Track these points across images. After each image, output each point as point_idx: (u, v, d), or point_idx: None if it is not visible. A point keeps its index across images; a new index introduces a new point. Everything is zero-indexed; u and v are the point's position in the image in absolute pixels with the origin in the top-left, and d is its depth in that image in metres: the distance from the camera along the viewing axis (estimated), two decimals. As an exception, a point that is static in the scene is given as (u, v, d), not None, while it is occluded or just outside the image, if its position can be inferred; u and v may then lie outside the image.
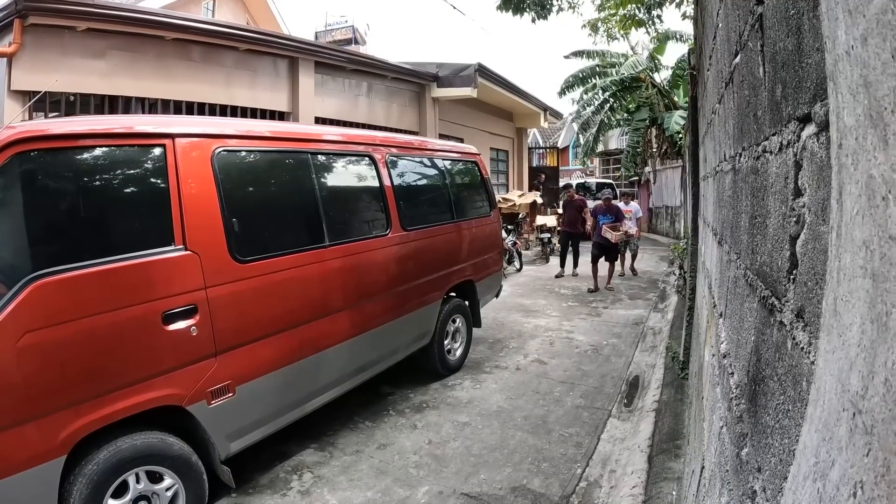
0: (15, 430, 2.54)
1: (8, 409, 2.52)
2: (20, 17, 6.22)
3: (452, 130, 13.47)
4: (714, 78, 2.26)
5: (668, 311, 8.12)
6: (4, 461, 2.51)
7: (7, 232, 2.74)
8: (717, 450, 1.44)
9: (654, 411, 4.49)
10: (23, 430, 2.57)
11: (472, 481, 3.69)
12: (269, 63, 9.18)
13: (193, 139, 3.34)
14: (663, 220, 20.58)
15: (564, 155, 32.32)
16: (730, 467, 1.16)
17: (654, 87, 17.50)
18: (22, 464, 2.55)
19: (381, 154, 4.89)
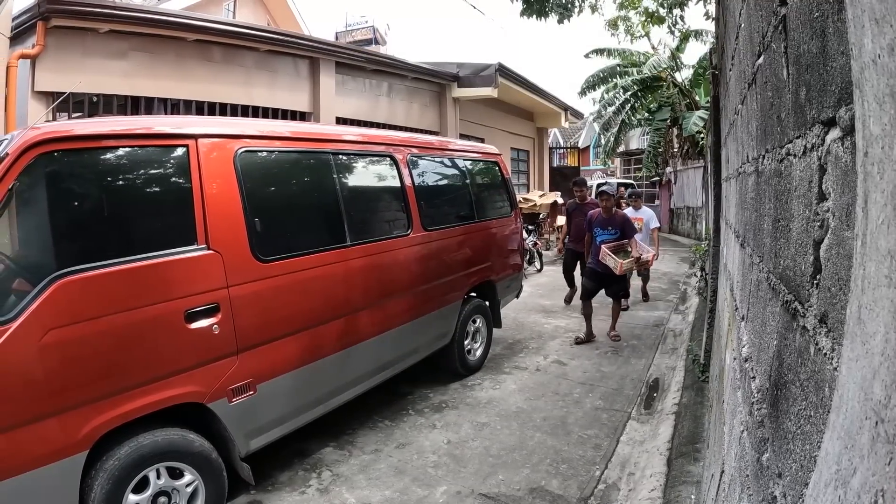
0: (38, 425, 2.58)
1: (31, 404, 2.56)
2: (43, 20, 6.34)
3: (473, 130, 13.47)
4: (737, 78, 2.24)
5: (689, 313, 8.05)
6: (28, 455, 2.55)
7: (31, 231, 2.80)
8: (737, 454, 1.43)
9: (673, 414, 4.45)
10: (46, 425, 2.61)
11: (490, 482, 3.69)
12: (290, 63, 9.25)
13: (216, 140, 3.38)
14: (684, 221, 20.39)
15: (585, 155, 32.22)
16: (750, 472, 1.15)
17: (676, 86, 17.38)
18: (45, 458, 2.59)
19: (402, 154, 4.90)
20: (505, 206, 6.61)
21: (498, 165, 6.70)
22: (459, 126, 12.80)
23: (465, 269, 5.56)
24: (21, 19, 6.39)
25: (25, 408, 2.55)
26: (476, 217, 5.86)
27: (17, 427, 2.52)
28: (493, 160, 6.65)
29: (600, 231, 6.90)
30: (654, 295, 9.75)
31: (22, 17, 6.40)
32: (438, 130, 12.15)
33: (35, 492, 2.58)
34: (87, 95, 6.96)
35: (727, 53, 3.04)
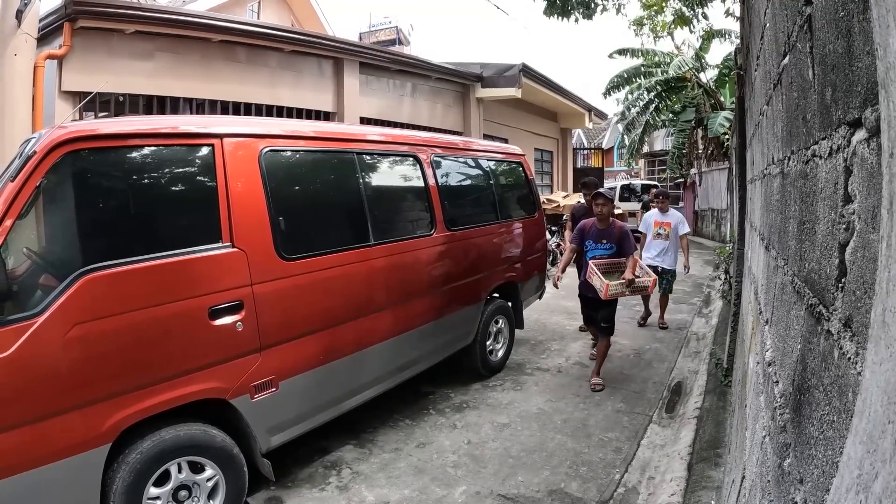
0: (62, 417, 2.63)
1: (56, 398, 2.61)
2: (69, 21, 6.46)
3: (496, 131, 13.46)
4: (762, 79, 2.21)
5: (713, 316, 7.96)
6: (52, 446, 2.60)
7: (58, 227, 2.85)
8: (758, 459, 1.41)
9: (695, 418, 4.42)
10: (70, 418, 2.66)
11: (509, 483, 3.69)
12: (314, 64, 9.32)
13: (241, 139, 3.42)
14: (709, 223, 20.17)
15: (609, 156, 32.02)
16: (771, 478, 1.14)
17: (700, 86, 17.21)
18: (69, 450, 2.65)
19: (425, 154, 4.92)
20: (529, 206, 6.59)
21: (522, 166, 6.67)
22: (483, 126, 12.80)
23: (488, 270, 5.55)
24: (48, 20, 6.51)
25: (51, 401, 2.60)
26: (499, 217, 5.85)
27: (43, 419, 2.58)
28: (516, 160, 6.62)
29: (593, 245, 5.56)
30: (678, 297, 9.64)
31: (49, 18, 6.53)
32: (462, 131, 12.18)
33: (59, 482, 2.64)
34: (113, 95, 7.08)
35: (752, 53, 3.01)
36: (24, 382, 2.53)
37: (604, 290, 5.09)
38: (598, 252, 5.55)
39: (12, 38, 5.46)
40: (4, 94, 5.53)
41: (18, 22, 5.43)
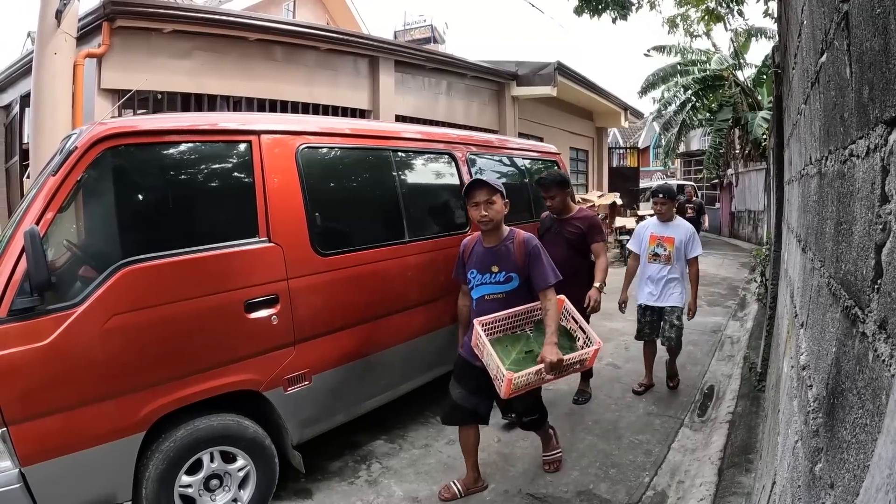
0: (100, 404, 2.72)
1: (93, 386, 2.70)
2: (108, 20, 6.57)
3: (532, 129, 13.38)
4: (799, 77, 2.18)
5: (748, 319, 7.85)
6: (89, 432, 2.69)
7: (98, 221, 2.93)
8: (790, 465, 1.39)
9: (727, 423, 4.37)
10: (107, 405, 2.74)
11: (538, 482, 3.69)
12: (350, 62, 9.36)
13: (278, 136, 3.47)
14: (745, 225, 19.86)
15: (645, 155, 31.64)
16: (802, 483, 1.12)
17: (738, 85, 16.93)
18: (104, 436, 2.73)
19: (461, 152, 4.92)
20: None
21: (557, 165, 6.62)
22: (519, 125, 12.73)
23: None
24: (87, 20, 6.59)
25: (88, 388, 2.69)
26: (534, 216, 5.79)
27: (81, 406, 2.67)
28: (552, 159, 6.57)
29: (478, 277, 3.46)
30: (713, 300, 9.51)
31: (87, 17, 6.61)
32: (497, 129, 12.10)
33: (94, 467, 2.73)
34: (151, 93, 7.20)
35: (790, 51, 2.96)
36: (62, 370, 2.60)
37: (504, 387, 2.94)
38: (489, 290, 3.41)
39: (52, 38, 5.55)
40: (45, 93, 5.63)
41: (58, 22, 5.52)
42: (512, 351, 3.30)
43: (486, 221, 3.37)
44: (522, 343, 3.38)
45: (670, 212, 5.28)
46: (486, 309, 3.38)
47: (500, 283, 3.43)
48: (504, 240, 3.47)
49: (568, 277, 4.06)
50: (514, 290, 3.42)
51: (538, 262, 3.39)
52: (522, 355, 3.29)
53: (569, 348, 3.36)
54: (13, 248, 2.57)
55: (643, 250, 5.27)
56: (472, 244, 3.60)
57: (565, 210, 4.71)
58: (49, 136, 5.51)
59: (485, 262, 3.46)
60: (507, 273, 3.41)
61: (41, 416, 2.57)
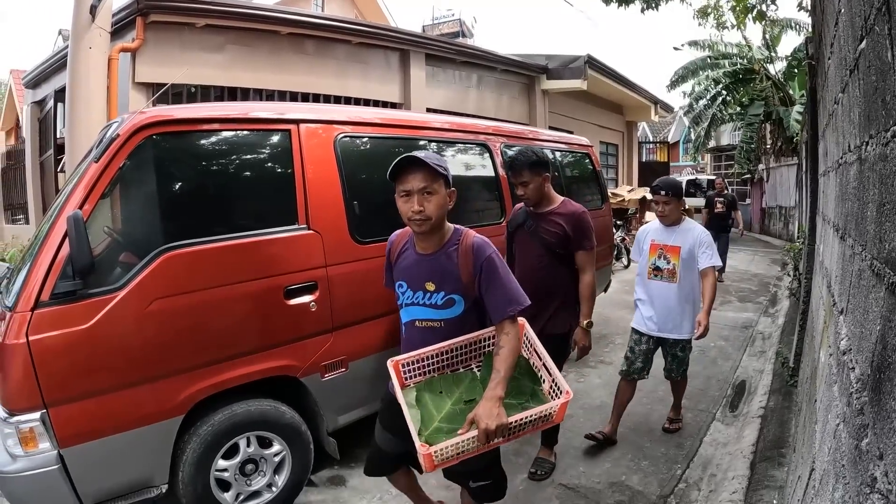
0: (140, 388, 2.79)
1: (134, 369, 2.76)
2: (142, 16, 6.75)
3: (562, 123, 13.37)
4: (836, 66, 2.17)
5: (780, 315, 7.77)
6: (127, 416, 2.77)
7: (139, 207, 2.99)
8: (831, 448, 1.40)
9: (759, 418, 4.36)
10: (147, 388, 2.81)
11: (570, 473, 3.72)
12: (381, 55, 9.45)
13: (317, 125, 3.53)
14: (776, 221, 19.59)
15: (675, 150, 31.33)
16: (846, 461, 1.14)
17: (769, 79, 16.65)
18: (144, 419, 2.81)
19: (495, 143, 4.93)
20: (595, 198, 6.54)
21: (589, 157, 6.64)
22: (549, 118, 12.76)
23: None
24: (120, 15, 6.77)
25: (129, 372, 2.77)
26: None
27: (119, 389, 2.74)
28: (584, 151, 6.59)
29: (409, 294, 2.51)
30: (745, 296, 9.42)
31: (121, 13, 6.78)
32: (528, 123, 12.11)
33: (133, 449, 2.81)
34: (185, 86, 7.34)
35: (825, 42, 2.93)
36: (103, 353, 2.69)
37: (424, 463, 2.05)
38: (421, 313, 2.47)
39: (87, 33, 5.67)
40: (80, 87, 5.75)
41: (93, 17, 5.64)
42: (447, 400, 2.30)
43: (422, 221, 2.32)
44: (464, 387, 2.37)
45: (675, 213, 4.14)
46: (417, 339, 2.45)
47: (436, 306, 2.41)
48: (446, 245, 2.44)
49: (542, 297, 3.42)
50: (458, 319, 2.42)
51: (493, 281, 2.35)
52: (461, 406, 2.27)
53: (529, 395, 2.38)
54: (56, 233, 2.64)
55: (643, 262, 4.29)
56: (403, 242, 2.58)
57: (544, 201, 3.64)
58: (84, 130, 5.63)
59: (417, 274, 2.46)
60: (446, 294, 2.39)
61: (81, 399, 2.65)
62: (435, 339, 2.41)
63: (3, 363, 2.57)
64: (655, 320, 4.14)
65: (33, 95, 10.83)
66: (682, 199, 4.22)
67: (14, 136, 16.31)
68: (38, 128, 10.99)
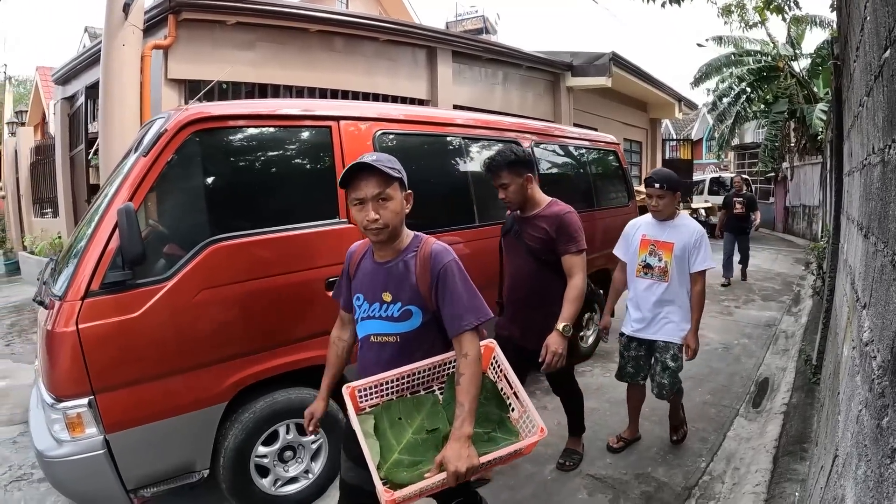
0: (184, 376, 2.89)
1: (181, 356, 2.86)
2: (174, 13, 6.88)
3: (586, 120, 13.34)
4: (861, 70, 2.22)
5: (803, 314, 7.77)
6: (172, 403, 2.87)
7: (187, 200, 3.08)
8: (854, 433, 1.48)
9: (782, 414, 4.40)
10: (191, 376, 2.91)
11: (598, 464, 3.81)
12: (409, 53, 9.52)
13: (356, 122, 3.63)
14: (800, 220, 19.39)
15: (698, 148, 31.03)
16: (868, 440, 1.22)
17: (793, 76, 16.50)
18: (189, 406, 2.91)
19: (526, 140, 5.01)
20: (622, 195, 6.59)
21: (616, 154, 6.69)
22: (573, 116, 12.74)
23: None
24: (152, 13, 6.88)
25: (174, 360, 2.86)
26: (595, 205, 5.90)
27: (166, 377, 2.85)
28: (611, 149, 6.64)
29: (366, 307, 2.30)
30: (767, 295, 9.42)
31: (153, 10, 6.90)
32: (553, 120, 12.11)
33: (178, 435, 2.90)
34: (216, 83, 7.47)
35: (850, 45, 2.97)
36: (151, 342, 2.78)
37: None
38: (376, 327, 2.28)
39: (120, 30, 5.78)
40: (114, 83, 5.87)
41: (125, 14, 5.76)
42: (407, 428, 2.10)
43: (378, 230, 2.17)
44: (426, 412, 2.16)
45: (670, 207, 3.82)
46: (372, 357, 2.30)
47: (392, 318, 2.24)
48: (404, 252, 2.28)
49: (531, 308, 3.37)
50: (416, 333, 2.24)
51: (450, 291, 2.17)
52: (423, 436, 2.08)
53: (496, 424, 2.19)
54: (105, 225, 2.74)
55: (631, 259, 3.96)
56: (362, 253, 2.41)
57: (528, 204, 3.40)
58: (118, 125, 5.78)
59: (374, 284, 2.29)
60: (403, 305, 2.22)
61: (128, 386, 2.74)
62: (389, 357, 2.24)
63: (53, 350, 2.66)
64: (643, 321, 3.85)
65: (63, 91, 11.02)
66: (678, 192, 3.88)
67: (40, 132, 16.58)
68: (68, 123, 11.21)
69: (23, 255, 13.44)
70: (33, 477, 4.05)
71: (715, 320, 7.53)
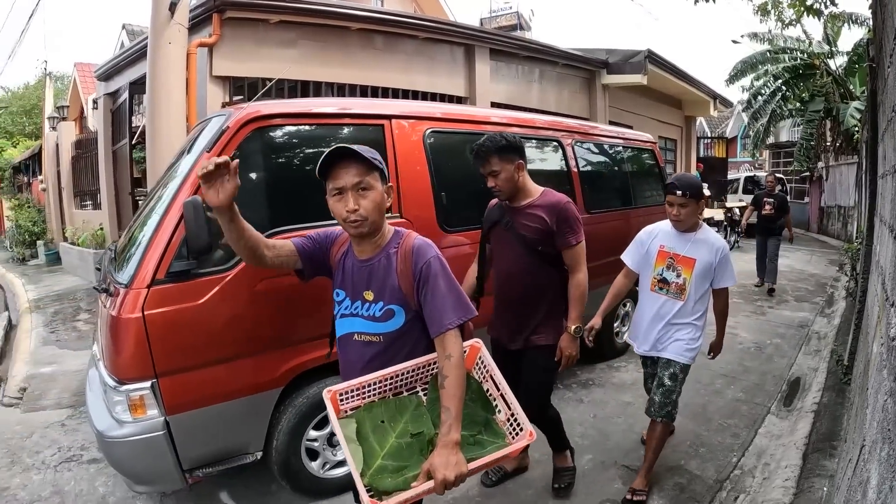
0: (243, 361, 3.00)
1: (240, 343, 2.98)
2: (218, 12, 7.03)
3: (621, 118, 13.32)
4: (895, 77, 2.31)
5: (836, 316, 7.76)
6: (230, 387, 2.98)
7: (248, 193, 3.10)
8: (879, 421, 1.58)
9: (812, 412, 4.47)
10: (250, 362, 3.02)
11: (632, 456, 3.91)
12: (447, 50, 9.58)
13: (408, 120, 3.74)
14: (835, 221, 19.09)
15: (732, 146, 30.57)
16: (892, 425, 1.33)
17: (829, 74, 16.25)
18: (244, 391, 3.03)
19: (567, 139, 5.09)
20: (659, 195, 6.63)
21: (653, 153, 6.73)
22: (609, 113, 12.72)
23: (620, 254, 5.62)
24: (197, 11, 7.02)
25: (234, 346, 2.96)
26: (633, 203, 5.95)
27: (225, 362, 2.95)
28: (648, 148, 6.69)
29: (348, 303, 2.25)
30: (800, 295, 9.40)
31: (198, 9, 7.04)
32: (588, 117, 12.11)
33: (232, 420, 3.03)
34: (260, 80, 7.59)
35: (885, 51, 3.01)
36: (213, 328, 2.88)
37: None
38: (359, 326, 2.22)
39: (166, 29, 5.91)
40: (161, 80, 6.00)
41: (171, 13, 5.90)
42: (391, 432, 2.01)
43: (359, 222, 2.07)
44: (409, 415, 2.07)
45: (692, 218, 3.43)
46: (354, 356, 2.24)
47: (374, 318, 2.17)
48: (385, 248, 2.19)
49: (525, 304, 3.19)
50: (397, 333, 2.17)
51: (432, 288, 2.08)
52: (407, 440, 1.99)
53: (482, 426, 2.09)
54: (171, 217, 2.86)
55: (646, 270, 3.61)
56: (344, 247, 2.31)
57: (520, 193, 3.18)
58: (165, 120, 5.93)
59: (355, 282, 2.22)
60: (385, 305, 2.15)
61: (189, 370, 2.85)
62: (373, 356, 2.18)
63: (118, 335, 2.76)
64: (650, 338, 3.56)
65: (106, 87, 11.32)
66: (702, 201, 3.46)
67: (78, 126, 17.00)
68: (111, 118, 11.52)
69: (63, 246, 13.89)
70: (83, 458, 4.21)
71: (748, 319, 7.58)
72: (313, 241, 2.34)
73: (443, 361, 1.99)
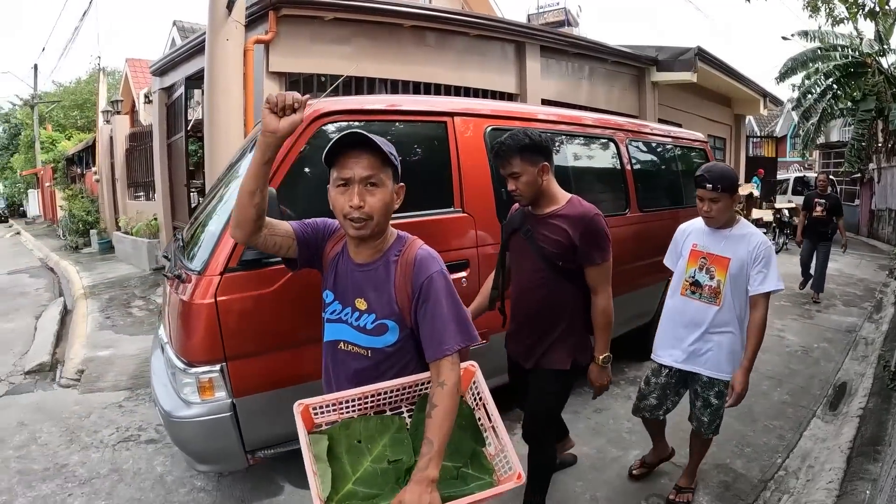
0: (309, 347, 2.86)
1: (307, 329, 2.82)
2: (274, 10, 7.17)
3: (670, 115, 13.26)
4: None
5: (884, 322, 7.73)
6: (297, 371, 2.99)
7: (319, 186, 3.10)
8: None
9: (858, 417, 4.54)
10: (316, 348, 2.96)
11: (679, 453, 3.98)
12: (498, 47, 9.61)
13: (469, 118, 3.84)
14: (886, 225, 18.66)
15: (782, 145, 29.99)
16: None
17: (881, 73, 15.87)
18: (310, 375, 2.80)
19: (621, 138, 5.14)
20: None
21: (703, 152, 6.70)
22: (658, 111, 12.64)
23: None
24: (253, 9, 7.15)
25: (301, 332, 2.97)
26: (685, 202, 5.95)
27: (290, 348, 3.00)
28: (700, 147, 6.67)
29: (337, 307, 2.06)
30: (848, 300, 9.38)
31: (254, 6, 7.18)
32: (637, 114, 12.04)
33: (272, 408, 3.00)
34: (315, 76, 7.79)
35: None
36: (282, 315, 2.94)
37: None
38: (347, 335, 2.03)
39: (223, 26, 6.04)
40: (219, 76, 6.14)
41: (229, 11, 6.03)
42: (367, 454, 1.82)
43: (362, 220, 1.87)
44: (389, 438, 1.86)
45: (726, 213, 3.09)
46: (339, 370, 2.08)
47: (365, 330, 1.97)
48: (386, 254, 1.99)
49: (540, 322, 2.91)
50: (389, 350, 1.97)
51: (432, 307, 1.87)
52: (383, 466, 1.80)
53: (468, 458, 1.90)
54: None
55: (678, 272, 3.33)
56: (339, 246, 2.11)
57: (543, 199, 2.85)
58: (224, 115, 6.09)
59: (347, 287, 2.02)
60: (377, 318, 1.95)
61: (257, 355, 2.92)
62: (358, 370, 2.00)
63: (189, 320, 2.84)
64: (684, 349, 3.21)
65: (161, 82, 11.61)
66: (737, 194, 3.10)
67: (130, 120, 17.51)
68: (166, 112, 11.87)
69: (117, 235, 14.43)
70: (140, 438, 4.35)
71: (795, 323, 7.61)
72: (312, 227, 2.13)
73: (435, 388, 1.79)
